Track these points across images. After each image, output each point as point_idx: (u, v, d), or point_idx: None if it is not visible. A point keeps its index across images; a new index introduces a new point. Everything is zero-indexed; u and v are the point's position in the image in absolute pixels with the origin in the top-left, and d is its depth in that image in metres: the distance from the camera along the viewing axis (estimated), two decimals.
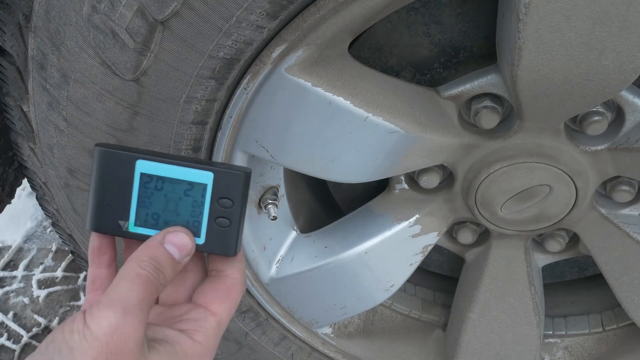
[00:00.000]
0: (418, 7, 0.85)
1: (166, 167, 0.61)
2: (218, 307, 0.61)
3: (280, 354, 1.14)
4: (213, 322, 0.60)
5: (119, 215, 0.61)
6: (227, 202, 0.61)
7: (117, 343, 0.50)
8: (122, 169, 0.60)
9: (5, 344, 1.70)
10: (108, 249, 0.63)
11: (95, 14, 0.68)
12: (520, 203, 0.90)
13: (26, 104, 0.87)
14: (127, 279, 0.54)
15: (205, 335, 0.59)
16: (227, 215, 0.61)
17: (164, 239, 0.59)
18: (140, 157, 0.60)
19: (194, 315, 0.61)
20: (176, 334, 0.58)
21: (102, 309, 0.51)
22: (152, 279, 0.55)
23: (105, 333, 0.50)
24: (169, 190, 0.61)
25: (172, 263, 0.58)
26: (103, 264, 0.63)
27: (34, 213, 2.06)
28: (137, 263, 0.56)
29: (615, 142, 0.84)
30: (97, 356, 0.49)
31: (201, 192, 0.61)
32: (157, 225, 0.62)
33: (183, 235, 0.60)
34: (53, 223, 1.04)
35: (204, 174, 0.61)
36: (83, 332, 0.50)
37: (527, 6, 0.64)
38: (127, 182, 0.61)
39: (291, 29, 0.69)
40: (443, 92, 0.84)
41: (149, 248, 0.58)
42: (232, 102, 0.76)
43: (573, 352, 1.16)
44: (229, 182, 0.61)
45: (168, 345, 0.56)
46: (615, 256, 0.96)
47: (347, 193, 1.13)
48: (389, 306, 1.18)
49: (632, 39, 0.66)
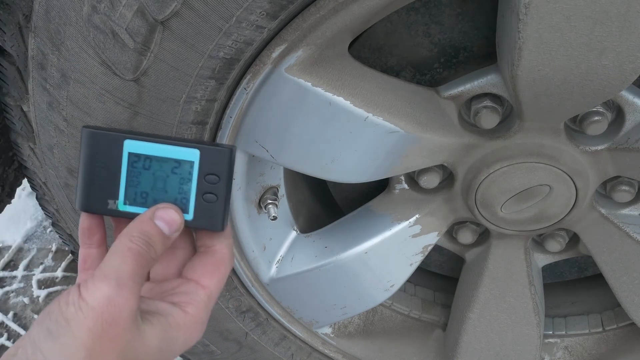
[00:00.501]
0: (418, 7, 0.85)
1: (153, 146, 0.62)
2: (208, 280, 0.63)
3: (280, 354, 1.14)
4: (203, 295, 0.62)
5: (108, 195, 0.63)
6: (214, 178, 0.63)
7: (112, 313, 0.52)
8: (110, 149, 0.62)
9: (5, 344, 1.70)
10: (98, 229, 0.65)
11: (95, 14, 0.68)
12: (520, 203, 0.90)
13: (26, 104, 0.87)
14: (119, 253, 0.56)
15: (197, 307, 0.61)
16: (214, 190, 0.63)
17: (153, 214, 0.61)
18: (127, 136, 0.62)
19: (185, 288, 0.63)
20: (168, 306, 0.59)
21: (97, 282, 0.53)
22: (143, 252, 0.57)
23: (100, 304, 0.52)
24: (156, 169, 0.63)
25: (162, 238, 0.60)
26: (93, 244, 0.65)
27: (34, 213, 2.06)
28: (128, 237, 0.57)
29: (615, 142, 0.84)
30: (92, 326, 0.51)
31: (188, 169, 0.63)
32: (145, 204, 0.63)
33: (172, 211, 0.61)
34: (53, 223, 1.04)
35: (191, 152, 0.62)
36: (78, 304, 0.52)
37: (527, 6, 0.64)
38: (116, 162, 0.62)
39: (291, 29, 0.69)
40: (443, 92, 0.84)
41: (140, 223, 0.59)
42: (232, 102, 0.76)
43: (573, 352, 1.16)
44: (215, 159, 0.63)
45: (161, 317, 0.57)
46: (615, 256, 0.96)
47: (347, 193, 1.13)
48: (389, 306, 1.18)
49: (632, 39, 0.66)
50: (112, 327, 0.52)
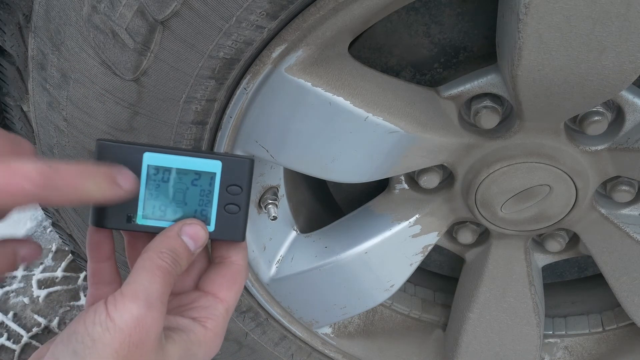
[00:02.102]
0: (418, 7, 0.85)
1: (173, 158, 0.62)
2: (226, 293, 0.63)
3: (280, 354, 1.14)
4: (222, 308, 0.62)
5: (125, 209, 0.62)
6: (236, 189, 0.63)
7: (140, 335, 0.51)
8: (128, 162, 0.61)
9: (5, 344, 1.70)
10: (106, 243, 0.64)
11: (95, 14, 0.68)
12: (520, 203, 0.90)
13: (26, 104, 0.87)
14: (148, 271, 0.55)
15: (216, 322, 0.60)
16: (236, 201, 0.63)
17: (180, 230, 0.60)
18: (147, 149, 0.61)
19: (204, 302, 0.62)
20: (189, 322, 0.59)
21: (126, 302, 0.52)
22: (171, 270, 0.56)
23: (128, 326, 0.51)
24: (176, 181, 0.62)
25: (188, 254, 0.59)
26: (102, 257, 0.64)
27: (34, 213, 2.06)
28: (156, 254, 0.56)
29: (615, 142, 0.84)
30: (119, 348, 0.50)
31: (209, 180, 0.62)
32: (165, 217, 0.62)
33: (198, 227, 0.61)
34: (53, 223, 1.04)
35: (213, 163, 0.62)
36: (106, 324, 0.51)
37: (527, 6, 0.64)
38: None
39: (291, 29, 0.69)
40: (443, 92, 0.84)
41: (167, 239, 0.59)
42: (232, 102, 0.76)
43: (573, 352, 1.16)
44: (236, 170, 0.63)
45: (183, 334, 0.57)
46: (615, 256, 0.96)
47: (347, 193, 1.13)
48: (389, 306, 1.18)
49: (632, 39, 0.66)
50: (139, 349, 0.51)
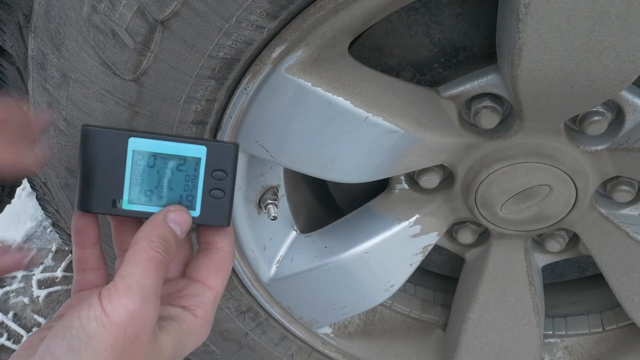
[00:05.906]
0: (418, 7, 0.85)
1: (159, 143, 0.62)
2: (214, 281, 0.63)
3: (280, 354, 1.14)
4: (210, 295, 0.62)
5: (111, 194, 0.62)
6: (221, 174, 0.64)
7: (134, 329, 0.51)
8: (114, 147, 0.61)
9: (5, 344, 1.70)
10: (92, 229, 0.64)
11: (95, 14, 0.68)
12: (520, 203, 0.90)
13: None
14: (141, 263, 0.55)
15: (205, 309, 0.61)
16: (222, 186, 0.64)
17: (166, 217, 0.60)
18: (132, 134, 0.62)
19: (192, 290, 0.63)
20: (179, 311, 0.59)
21: (121, 297, 0.52)
22: (163, 260, 0.56)
23: (123, 321, 0.51)
24: (161, 166, 0.62)
25: (176, 240, 0.59)
26: (88, 243, 0.64)
27: (34, 213, 2.06)
28: (148, 243, 0.56)
29: (615, 142, 0.84)
30: (114, 343, 0.50)
31: (194, 166, 0.63)
32: (150, 202, 0.63)
33: (182, 212, 0.61)
34: (53, 223, 1.04)
35: (198, 148, 0.63)
36: (101, 320, 0.51)
37: (527, 6, 0.64)
38: (120, 160, 0.62)
39: (291, 29, 0.69)
40: (443, 92, 0.84)
41: (156, 227, 0.58)
42: (232, 102, 0.76)
43: (573, 352, 1.16)
44: (221, 155, 0.63)
45: (175, 323, 0.57)
46: (615, 256, 0.96)
47: (347, 193, 1.13)
48: (389, 306, 1.18)
49: (632, 39, 0.66)
50: (134, 343, 0.51)
